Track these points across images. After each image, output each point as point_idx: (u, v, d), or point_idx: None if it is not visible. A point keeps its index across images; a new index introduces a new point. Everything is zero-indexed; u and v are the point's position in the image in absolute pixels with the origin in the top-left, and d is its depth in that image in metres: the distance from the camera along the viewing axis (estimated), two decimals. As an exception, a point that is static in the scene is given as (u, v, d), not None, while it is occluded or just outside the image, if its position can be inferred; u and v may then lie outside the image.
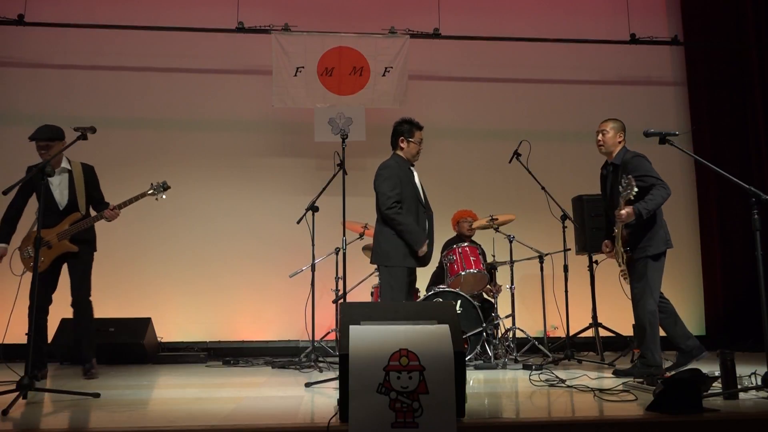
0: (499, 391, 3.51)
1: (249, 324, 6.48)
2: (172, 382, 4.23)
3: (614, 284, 4.71)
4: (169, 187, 4.46)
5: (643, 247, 4.00)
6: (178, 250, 6.49)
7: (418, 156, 4.25)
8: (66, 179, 4.34)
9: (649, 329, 3.92)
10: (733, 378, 3.02)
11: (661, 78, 7.28)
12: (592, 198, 5.65)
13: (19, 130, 6.54)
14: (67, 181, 4.34)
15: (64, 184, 4.33)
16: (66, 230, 4.26)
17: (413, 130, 4.21)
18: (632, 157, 4.10)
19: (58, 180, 4.31)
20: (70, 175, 4.36)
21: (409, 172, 4.19)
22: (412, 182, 4.15)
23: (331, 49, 6.33)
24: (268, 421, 2.54)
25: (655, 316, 3.94)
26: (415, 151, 4.22)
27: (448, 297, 4.97)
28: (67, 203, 4.31)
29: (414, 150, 4.21)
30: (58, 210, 4.29)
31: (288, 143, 6.81)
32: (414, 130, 4.21)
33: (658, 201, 3.91)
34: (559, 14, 7.17)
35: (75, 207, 4.33)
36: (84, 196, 4.34)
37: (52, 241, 4.26)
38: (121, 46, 6.70)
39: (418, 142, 4.21)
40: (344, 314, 2.62)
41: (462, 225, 5.81)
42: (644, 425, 2.49)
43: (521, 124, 6.93)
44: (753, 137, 6.96)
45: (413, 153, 4.22)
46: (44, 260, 4.22)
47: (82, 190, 4.33)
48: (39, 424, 2.60)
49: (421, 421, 2.29)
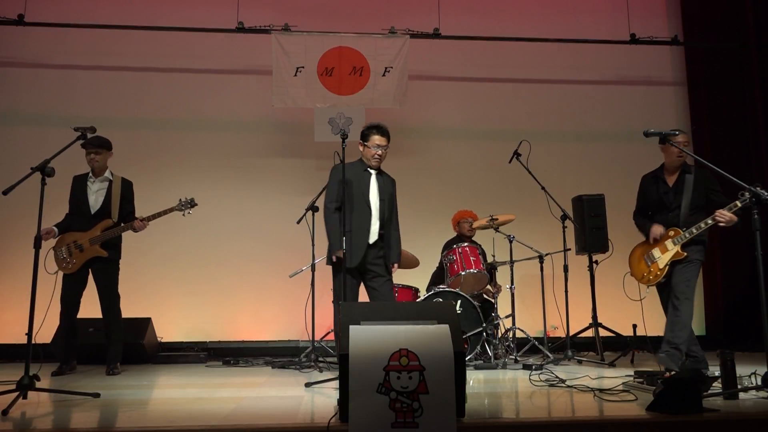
0: (499, 391, 3.51)
1: (249, 324, 6.48)
2: (172, 382, 4.23)
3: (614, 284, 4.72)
4: (196, 204, 4.83)
5: (700, 250, 4.16)
6: (178, 250, 6.49)
7: (374, 160, 4.19)
8: (105, 188, 4.66)
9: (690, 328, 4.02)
10: (733, 378, 3.02)
11: (661, 78, 7.28)
12: (592, 198, 5.65)
13: (19, 130, 6.58)
14: (106, 189, 4.65)
15: (101, 192, 4.64)
16: (98, 236, 4.54)
17: (370, 134, 4.19)
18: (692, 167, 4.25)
19: (97, 187, 4.64)
20: (110, 185, 4.67)
21: (364, 174, 4.19)
22: (362, 183, 4.15)
23: (331, 49, 6.33)
24: (268, 421, 2.54)
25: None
26: (369, 155, 4.19)
27: (448, 297, 4.97)
28: (99, 209, 4.60)
29: (369, 154, 4.19)
30: (89, 214, 4.59)
31: (288, 143, 6.81)
32: (371, 134, 4.19)
33: None
34: (559, 14, 7.17)
35: (106, 214, 4.61)
36: (118, 206, 4.64)
37: (85, 245, 4.53)
38: (121, 46, 6.70)
39: (374, 146, 4.17)
40: (344, 314, 2.62)
41: (463, 225, 5.81)
42: (644, 425, 2.49)
43: (521, 124, 6.93)
44: (753, 137, 6.96)
45: (368, 157, 4.21)
46: (76, 262, 4.54)
47: (117, 200, 4.64)
48: (39, 424, 2.60)
49: (421, 421, 2.29)
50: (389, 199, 4.26)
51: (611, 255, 5.53)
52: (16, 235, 6.10)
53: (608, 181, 6.62)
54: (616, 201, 6.07)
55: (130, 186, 4.79)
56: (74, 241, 4.55)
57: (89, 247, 4.53)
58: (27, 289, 3.23)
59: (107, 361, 4.59)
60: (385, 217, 4.20)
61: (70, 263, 4.53)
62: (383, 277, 4.14)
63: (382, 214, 4.19)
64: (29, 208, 4.34)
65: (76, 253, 4.53)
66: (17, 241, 6.04)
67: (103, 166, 4.67)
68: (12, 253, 6.20)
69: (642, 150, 5.90)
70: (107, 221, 4.59)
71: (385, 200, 4.22)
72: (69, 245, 4.55)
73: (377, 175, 4.25)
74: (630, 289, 4.46)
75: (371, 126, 4.24)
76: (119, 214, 4.66)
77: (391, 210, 4.27)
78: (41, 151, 3.92)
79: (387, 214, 4.22)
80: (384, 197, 4.22)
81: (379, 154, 4.19)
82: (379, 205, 4.19)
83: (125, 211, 4.70)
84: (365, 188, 4.17)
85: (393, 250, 4.26)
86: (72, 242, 4.55)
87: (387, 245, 4.21)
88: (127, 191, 4.74)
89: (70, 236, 4.57)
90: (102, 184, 4.66)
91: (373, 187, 4.20)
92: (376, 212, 4.17)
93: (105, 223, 4.58)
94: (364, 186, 4.17)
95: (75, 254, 4.53)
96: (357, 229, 4.08)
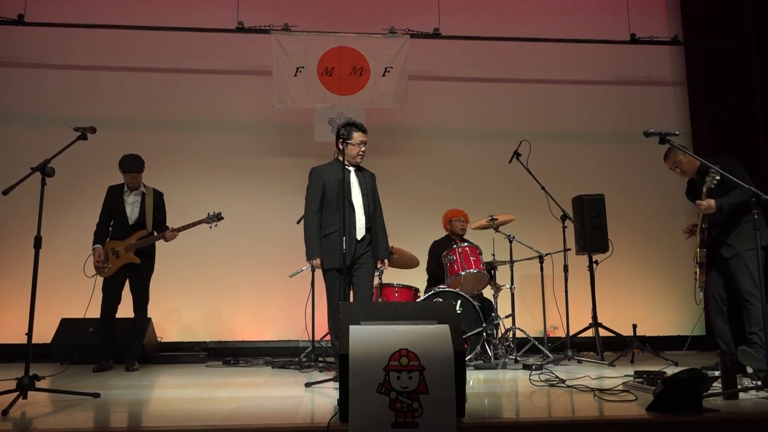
0: (499, 391, 3.51)
1: (249, 324, 6.48)
2: (172, 382, 4.23)
3: (614, 284, 4.72)
4: (222, 218, 5.18)
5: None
6: (178, 250, 6.46)
7: (359, 157, 4.20)
8: (139, 200, 5.03)
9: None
10: (733, 378, 3.02)
11: (661, 78, 7.28)
12: (592, 198, 5.65)
13: (19, 130, 6.58)
14: (140, 201, 5.03)
15: (136, 203, 5.02)
16: (133, 243, 4.94)
17: (352, 132, 4.18)
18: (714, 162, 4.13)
19: (132, 199, 5.01)
20: (144, 197, 5.05)
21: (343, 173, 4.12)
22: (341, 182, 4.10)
23: (331, 49, 6.33)
24: (268, 421, 2.54)
25: None
26: (354, 153, 4.19)
27: (448, 297, 4.97)
28: (136, 219, 4.99)
29: (353, 151, 4.18)
30: (127, 224, 4.98)
31: (288, 143, 6.81)
32: (353, 131, 4.18)
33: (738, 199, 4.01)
34: (559, 14, 7.17)
35: (142, 224, 5.00)
36: (152, 216, 5.03)
37: (121, 251, 4.92)
38: (121, 46, 6.70)
39: (358, 143, 4.17)
40: (344, 314, 2.61)
41: (455, 224, 5.80)
42: (644, 425, 2.49)
43: (521, 124, 6.93)
44: (753, 137, 6.96)
45: (353, 155, 4.20)
46: (112, 267, 4.92)
47: (150, 211, 5.03)
48: (39, 424, 2.60)
49: (421, 421, 2.29)
50: (372, 193, 4.28)
51: (611, 255, 5.53)
52: (16, 235, 6.10)
53: (608, 181, 6.62)
54: (616, 201, 6.09)
55: (161, 197, 5.17)
56: (112, 248, 4.93)
57: (124, 254, 4.92)
58: (27, 290, 3.23)
59: (127, 357, 4.91)
60: (370, 212, 4.22)
61: (106, 267, 4.90)
62: (364, 269, 4.14)
63: (366, 208, 4.21)
64: (29, 208, 4.35)
65: (112, 259, 4.92)
66: (17, 241, 6.04)
67: (139, 182, 5.05)
68: (12, 253, 6.20)
69: (642, 150, 5.92)
70: (143, 231, 4.99)
71: (368, 195, 4.24)
72: (107, 251, 4.92)
73: (356, 172, 4.26)
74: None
75: (350, 123, 4.23)
76: (153, 223, 5.05)
77: (375, 205, 4.28)
78: (41, 151, 3.92)
79: (372, 209, 4.23)
80: (366, 192, 4.24)
81: (363, 151, 4.22)
82: (362, 200, 4.21)
83: (157, 221, 5.08)
84: (346, 187, 4.15)
85: (380, 246, 4.28)
86: (110, 249, 4.93)
87: (374, 241, 4.22)
88: (159, 202, 5.14)
89: (109, 244, 4.96)
90: (136, 197, 5.03)
91: (354, 185, 4.21)
92: (360, 209, 4.18)
93: (140, 233, 4.99)
94: (345, 184, 4.14)
95: (111, 260, 4.92)
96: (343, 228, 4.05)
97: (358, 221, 4.16)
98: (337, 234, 4.04)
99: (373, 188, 4.33)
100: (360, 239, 4.15)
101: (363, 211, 4.20)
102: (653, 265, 6.68)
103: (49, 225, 4.56)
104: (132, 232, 4.97)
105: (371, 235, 4.22)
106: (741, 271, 4.08)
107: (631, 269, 6.65)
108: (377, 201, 4.35)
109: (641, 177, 6.91)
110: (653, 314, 6.64)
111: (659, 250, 6.76)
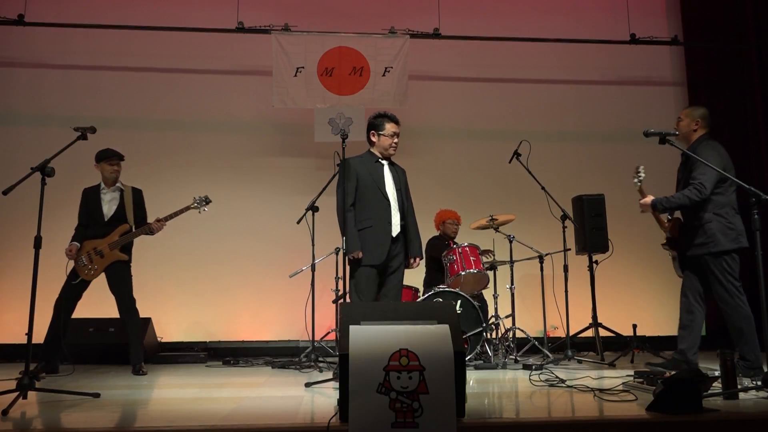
0: (499, 391, 3.51)
1: (249, 324, 6.48)
2: (171, 382, 4.22)
3: (614, 284, 4.71)
4: (210, 201, 4.94)
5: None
6: (178, 250, 6.49)
7: (392, 149, 4.12)
8: (117, 197, 4.79)
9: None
10: (733, 378, 3.02)
11: (661, 78, 7.28)
12: (592, 198, 5.65)
13: (19, 130, 6.58)
14: (118, 198, 4.79)
15: (114, 200, 4.78)
16: (117, 240, 4.67)
17: (384, 123, 4.11)
18: (701, 145, 4.05)
19: (110, 197, 4.78)
20: (122, 194, 4.81)
21: (376, 166, 4.11)
22: (375, 175, 4.07)
23: (331, 49, 6.33)
24: (268, 421, 2.54)
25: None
26: (387, 144, 4.11)
27: (448, 297, 4.97)
28: (112, 216, 4.72)
29: (386, 143, 4.11)
30: (103, 221, 4.70)
31: (288, 143, 6.81)
32: (385, 122, 4.11)
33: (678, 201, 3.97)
34: (559, 14, 7.17)
35: (120, 220, 4.73)
36: (132, 212, 4.78)
37: (105, 250, 4.66)
38: (121, 46, 6.70)
39: (390, 134, 4.10)
40: (344, 314, 2.62)
41: (448, 226, 5.86)
42: (644, 425, 2.49)
43: (521, 124, 6.93)
44: (753, 137, 6.96)
45: (385, 146, 4.12)
46: (98, 268, 4.65)
47: (130, 207, 4.78)
48: (39, 424, 2.60)
49: (421, 421, 2.29)
50: (405, 188, 4.20)
51: (611, 255, 5.53)
52: (16, 235, 6.10)
53: (608, 181, 6.62)
54: (616, 201, 6.08)
55: (140, 193, 4.91)
56: (94, 248, 4.66)
57: (109, 252, 4.65)
58: (27, 289, 3.23)
59: (132, 360, 4.61)
60: (404, 207, 4.13)
61: (92, 269, 4.65)
62: (396, 274, 4.06)
63: (401, 204, 4.11)
64: (29, 208, 4.35)
65: (97, 260, 4.65)
66: (17, 241, 6.04)
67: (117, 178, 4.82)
68: (12, 253, 6.20)
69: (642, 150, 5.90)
70: (124, 226, 4.71)
71: (401, 190, 4.15)
72: (89, 253, 4.65)
73: (389, 165, 4.17)
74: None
75: (382, 115, 4.16)
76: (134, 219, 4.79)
77: (408, 200, 4.20)
78: (41, 151, 3.92)
79: (405, 205, 4.15)
80: (399, 187, 4.15)
81: (396, 142, 4.13)
82: (396, 195, 4.11)
83: (138, 218, 4.82)
84: (380, 180, 4.07)
85: (414, 243, 4.19)
86: (92, 249, 4.66)
87: (408, 238, 4.14)
88: (139, 198, 4.87)
89: (89, 244, 4.68)
90: (114, 194, 4.79)
91: (388, 178, 4.12)
92: (395, 203, 4.08)
93: (122, 228, 4.70)
94: (378, 178, 4.07)
95: (96, 260, 4.65)
96: (378, 223, 3.99)
97: (393, 217, 4.05)
98: (371, 229, 3.97)
99: (406, 183, 4.24)
100: (395, 237, 4.04)
101: (398, 206, 4.09)
102: (653, 265, 6.66)
103: (49, 225, 4.55)
104: (110, 229, 4.69)
105: (405, 234, 4.12)
106: (711, 278, 4.00)
107: (631, 269, 6.65)
108: (409, 197, 4.25)
109: (641, 177, 6.90)
110: (653, 314, 6.64)
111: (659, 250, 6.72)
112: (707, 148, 3.97)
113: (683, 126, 4.20)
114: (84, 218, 4.79)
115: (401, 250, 4.10)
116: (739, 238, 3.93)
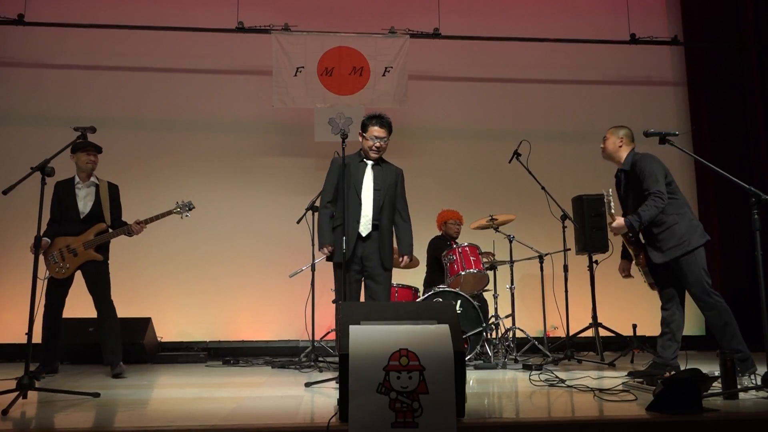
0: (498, 391, 3.51)
1: (249, 324, 6.48)
2: (171, 382, 4.23)
3: (614, 284, 4.71)
4: (194, 207, 4.75)
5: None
6: (178, 250, 6.49)
7: (374, 151, 4.11)
8: (93, 192, 4.57)
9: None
10: (733, 378, 3.02)
11: (661, 78, 7.28)
12: (592, 198, 5.65)
13: (19, 130, 6.58)
14: (93, 194, 4.56)
15: (90, 196, 4.55)
16: (92, 240, 4.47)
17: (369, 125, 4.13)
18: (640, 158, 4.11)
19: (85, 192, 4.56)
20: (97, 189, 4.59)
21: (360, 166, 4.12)
22: (356, 175, 4.08)
23: (331, 49, 6.33)
24: (268, 421, 2.54)
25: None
26: (367, 146, 4.12)
27: (448, 297, 4.97)
28: (88, 213, 4.51)
29: (367, 145, 4.12)
30: (78, 218, 4.50)
31: (288, 143, 6.81)
32: (370, 125, 4.12)
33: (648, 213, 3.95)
34: (559, 14, 7.17)
35: (96, 218, 4.52)
36: (108, 209, 4.57)
37: (79, 249, 4.45)
38: (121, 46, 6.70)
39: (372, 137, 4.09)
40: (344, 314, 2.61)
41: (450, 227, 5.84)
42: (644, 425, 2.49)
43: (521, 124, 6.93)
44: (753, 137, 6.96)
45: (366, 148, 4.14)
46: (70, 267, 4.45)
47: (107, 204, 4.57)
48: (39, 424, 2.60)
49: (421, 421, 2.29)
50: (388, 189, 4.14)
51: (611, 255, 5.53)
52: (16, 235, 6.09)
53: (608, 181, 6.60)
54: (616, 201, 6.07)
55: (117, 189, 4.70)
56: (67, 246, 4.44)
57: (83, 251, 4.44)
58: (27, 289, 3.23)
59: (106, 360, 4.43)
60: (381, 207, 4.09)
61: (63, 268, 4.43)
62: (379, 275, 4.02)
63: (376, 204, 4.09)
64: (29, 208, 4.34)
65: (69, 258, 4.43)
66: (17, 241, 6.03)
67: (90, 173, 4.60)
68: (12, 253, 6.20)
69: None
70: (101, 225, 4.50)
71: (381, 190, 4.11)
72: (62, 250, 4.44)
73: (374, 166, 4.16)
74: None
75: (371, 116, 4.16)
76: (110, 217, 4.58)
77: (392, 200, 4.16)
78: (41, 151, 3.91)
79: (385, 205, 4.10)
80: (380, 187, 4.12)
81: (377, 146, 4.11)
82: (373, 195, 4.09)
83: (114, 215, 4.61)
84: (357, 180, 4.10)
85: (402, 242, 4.20)
86: (65, 247, 4.44)
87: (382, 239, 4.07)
88: (115, 194, 4.66)
89: (62, 241, 4.46)
90: (89, 189, 4.56)
91: (367, 178, 4.11)
92: (369, 203, 4.07)
93: (98, 227, 4.49)
94: (358, 177, 4.10)
95: (69, 259, 4.43)
96: (346, 221, 3.99)
97: (362, 216, 4.04)
98: (340, 227, 3.99)
99: (393, 184, 4.18)
100: (365, 236, 4.03)
101: (372, 205, 4.07)
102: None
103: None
104: (85, 227, 4.47)
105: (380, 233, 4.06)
106: (686, 281, 3.97)
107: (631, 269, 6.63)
108: (399, 197, 4.22)
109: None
110: (653, 314, 6.57)
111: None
112: (648, 159, 4.10)
113: (609, 144, 4.35)
114: (57, 213, 4.54)
115: (375, 250, 4.04)
116: (704, 233, 4.01)
